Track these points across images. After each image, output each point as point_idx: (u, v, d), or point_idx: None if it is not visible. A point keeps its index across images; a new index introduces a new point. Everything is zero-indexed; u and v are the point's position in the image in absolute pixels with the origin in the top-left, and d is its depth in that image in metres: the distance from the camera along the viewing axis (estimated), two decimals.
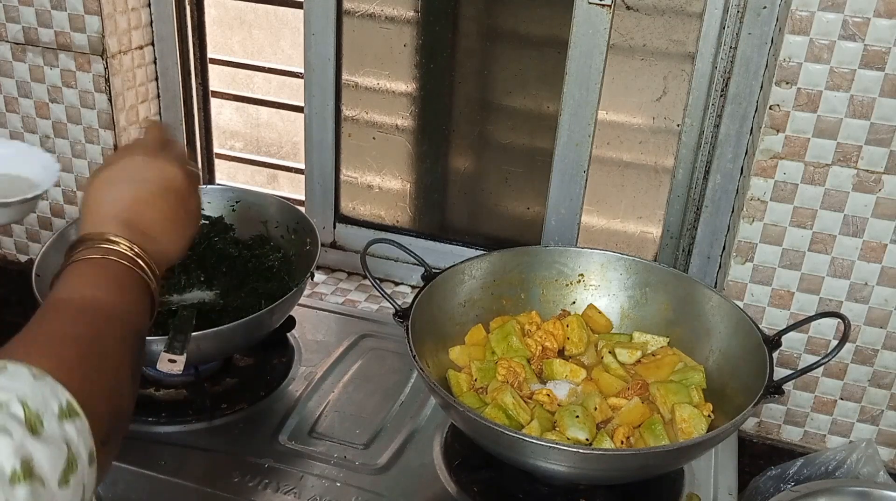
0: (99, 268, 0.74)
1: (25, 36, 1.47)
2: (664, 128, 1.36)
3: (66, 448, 0.56)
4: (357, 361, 1.32)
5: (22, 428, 0.53)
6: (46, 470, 0.53)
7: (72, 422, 0.57)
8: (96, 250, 0.74)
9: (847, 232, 1.17)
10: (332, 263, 1.62)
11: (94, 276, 0.73)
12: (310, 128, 1.53)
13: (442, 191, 1.55)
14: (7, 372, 0.56)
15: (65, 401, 0.58)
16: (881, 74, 1.08)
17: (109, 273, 0.74)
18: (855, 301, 1.21)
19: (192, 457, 1.12)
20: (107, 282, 0.73)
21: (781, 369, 1.22)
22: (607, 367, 1.15)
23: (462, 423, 1.01)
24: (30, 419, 0.54)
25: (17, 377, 0.56)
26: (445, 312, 1.19)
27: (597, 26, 1.28)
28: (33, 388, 0.56)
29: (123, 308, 0.72)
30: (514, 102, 1.43)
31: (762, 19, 1.19)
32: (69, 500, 0.55)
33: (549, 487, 1.07)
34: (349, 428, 1.17)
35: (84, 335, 0.66)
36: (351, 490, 1.07)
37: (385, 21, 1.44)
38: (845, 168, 1.14)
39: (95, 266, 0.74)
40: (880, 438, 1.28)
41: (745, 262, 1.24)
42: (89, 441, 0.58)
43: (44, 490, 0.53)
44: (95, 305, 0.70)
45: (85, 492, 0.58)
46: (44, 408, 0.55)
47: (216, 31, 1.77)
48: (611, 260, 1.25)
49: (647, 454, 0.98)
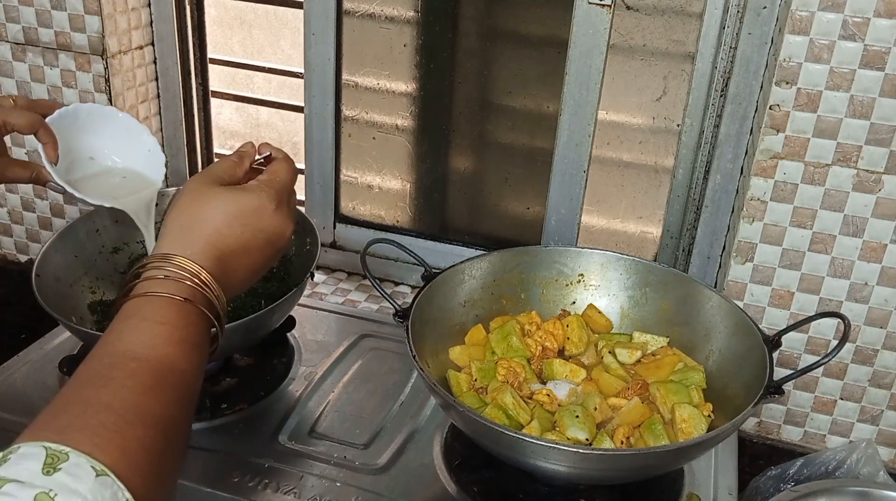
0: (181, 315, 0.66)
1: (25, 36, 1.47)
2: (664, 128, 1.36)
3: None
4: (357, 361, 1.32)
5: None
6: None
7: None
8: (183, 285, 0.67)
9: (847, 232, 1.17)
10: (332, 263, 1.62)
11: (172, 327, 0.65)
12: (310, 128, 1.53)
13: (442, 191, 1.55)
14: (68, 466, 0.53)
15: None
16: (881, 74, 1.08)
17: (189, 326, 0.67)
18: (855, 301, 1.21)
19: (192, 457, 1.11)
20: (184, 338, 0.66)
21: (781, 369, 1.22)
22: (607, 367, 1.15)
23: (462, 423, 1.01)
24: None
25: (78, 475, 0.53)
26: (445, 312, 1.19)
27: (597, 26, 1.28)
28: (93, 490, 0.53)
29: (193, 371, 0.66)
30: (514, 102, 1.43)
31: (762, 19, 1.19)
32: None
33: (549, 487, 1.07)
34: (349, 428, 1.17)
35: (155, 412, 0.61)
36: (351, 490, 1.07)
37: (385, 21, 1.44)
38: (845, 168, 1.14)
39: (177, 312, 0.66)
40: (880, 438, 1.28)
41: (745, 262, 1.24)
42: None
43: None
44: (169, 368, 0.63)
45: None
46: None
47: (216, 31, 1.77)
48: (611, 260, 1.25)
49: (647, 454, 0.98)
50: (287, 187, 0.83)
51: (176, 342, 0.65)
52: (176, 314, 0.66)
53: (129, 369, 0.62)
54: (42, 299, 1.12)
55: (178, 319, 0.66)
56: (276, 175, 0.83)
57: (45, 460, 0.52)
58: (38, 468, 0.52)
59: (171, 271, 0.68)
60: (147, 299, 0.67)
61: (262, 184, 0.81)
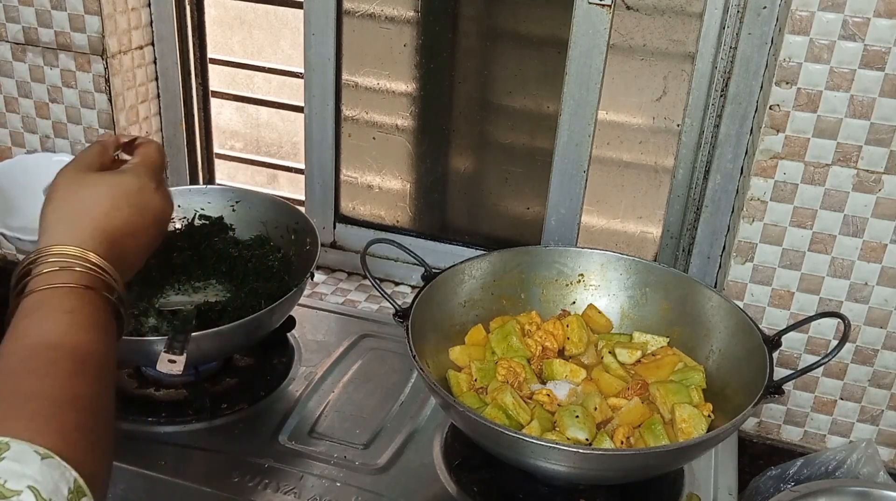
0: (84, 302, 0.68)
1: (25, 36, 1.47)
2: (664, 128, 1.36)
3: None
4: (357, 361, 1.32)
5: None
6: None
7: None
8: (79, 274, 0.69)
9: (847, 232, 1.17)
10: (332, 263, 1.62)
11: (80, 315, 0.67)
12: (310, 128, 1.53)
13: (442, 191, 1.55)
14: (12, 454, 0.54)
15: (73, 482, 0.56)
16: (881, 74, 1.08)
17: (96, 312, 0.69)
18: (855, 301, 1.21)
19: (192, 457, 1.12)
20: (94, 323, 0.68)
21: (781, 369, 1.22)
22: (607, 367, 1.15)
23: (462, 423, 1.01)
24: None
25: (25, 461, 0.54)
26: (445, 312, 1.19)
27: (597, 26, 1.28)
28: (43, 472, 0.54)
29: (108, 352, 0.68)
30: (514, 102, 1.43)
31: (762, 19, 1.19)
32: None
33: (549, 487, 1.07)
34: (349, 428, 1.17)
35: (83, 393, 0.63)
36: (351, 490, 1.07)
37: (385, 21, 1.44)
38: (845, 168, 1.14)
39: (80, 300, 0.68)
40: (880, 438, 1.28)
41: (745, 262, 1.24)
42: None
43: None
44: (86, 353, 0.65)
45: None
46: (55, 495, 0.54)
47: (216, 31, 1.77)
48: (611, 260, 1.25)
49: (647, 454, 0.98)
50: (161, 167, 0.85)
51: (86, 328, 0.66)
52: (79, 301, 0.68)
53: (49, 357, 0.63)
54: None
55: (82, 306, 0.68)
56: (148, 157, 0.84)
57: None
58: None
59: (65, 262, 0.69)
60: (48, 292, 0.68)
61: (138, 165, 0.83)
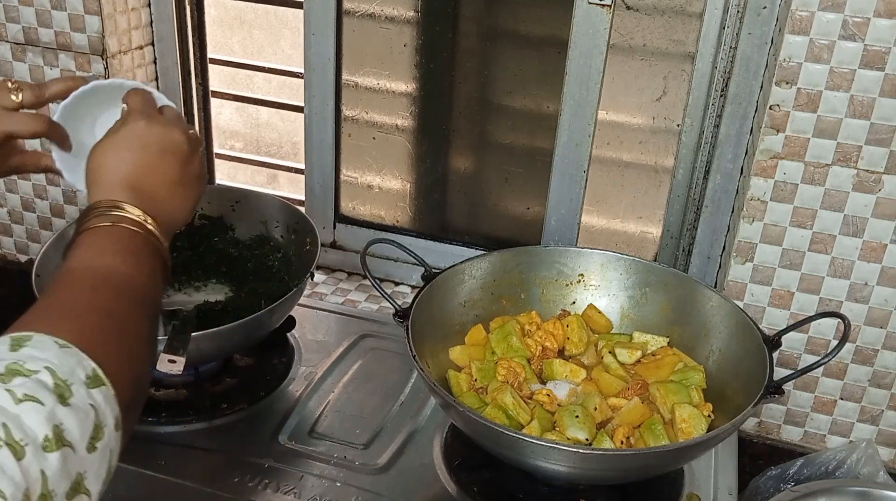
0: (111, 236, 0.74)
1: (25, 36, 1.47)
2: (664, 128, 1.36)
3: (93, 414, 0.57)
4: (357, 361, 1.32)
5: (52, 397, 0.55)
6: (76, 437, 0.55)
7: (98, 390, 0.59)
8: (106, 217, 0.75)
9: (847, 232, 1.17)
10: (332, 263, 1.62)
11: (106, 244, 0.74)
12: (310, 128, 1.53)
13: (442, 191, 1.55)
14: (33, 342, 0.58)
15: (90, 369, 0.59)
16: (881, 74, 1.08)
17: (121, 240, 0.75)
18: (855, 301, 1.21)
19: (192, 457, 1.12)
20: (120, 249, 0.73)
21: (781, 369, 1.22)
22: (607, 367, 1.15)
23: (462, 423, 1.01)
24: (59, 388, 0.55)
25: (43, 348, 0.58)
26: (445, 312, 1.19)
27: (597, 26, 1.28)
28: (60, 357, 0.57)
29: (137, 275, 0.72)
30: (514, 102, 1.43)
31: (762, 19, 1.19)
32: (97, 465, 0.57)
33: (549, 487, 1.07)
34: (349, 428, 1.17)
35: (103, 304, 0.67)
36: (351, 490, 1.07)
37: (385, 21, 1.44)
38: (845, 168, 1.14)
39: (107, 235, 0.74)
40: (880, 438, 1.28)
41: (745, 262, 1.24)
42: (115, 408, 0.60)
43: (74, 456, 0.55)
44: (110, 272, 0.71)
45: (111, 457, 0.60)
46: (71, 377, 0.57)
47: (216, 31, 1.77)
48: (611, 260, 1.25)
49: (647, 454, 0.98)
50: (148, 105, 0.88)
51: (111, 253, 0.72)
52: (105, 235, 0.74)
53: (72, 277, 0.70)
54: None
55: (107, 237, 0.74)
56: (134, 105, 0.87)
57: (10, 343, 0.58)
58: (5, 349, 0.57)
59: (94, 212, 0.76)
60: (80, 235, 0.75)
61: (124, 117, 0.86)
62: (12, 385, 0.53)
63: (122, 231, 0.75)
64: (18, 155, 0.98)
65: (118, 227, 0.75)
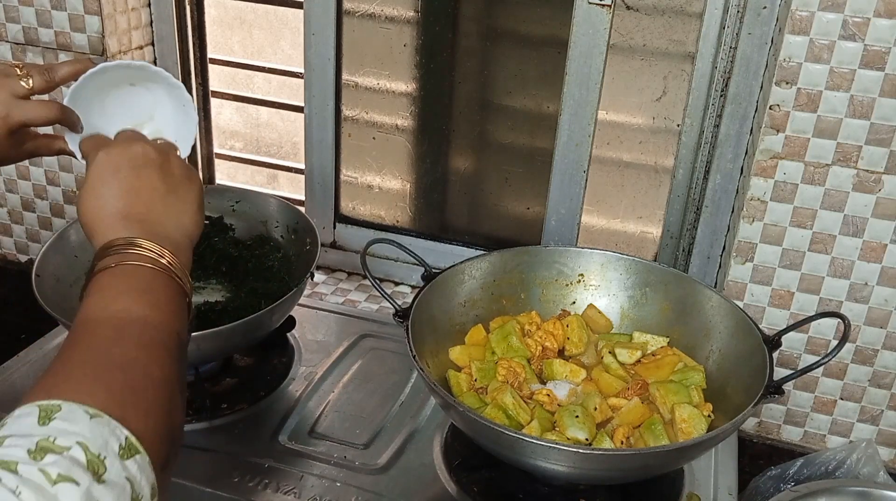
0: (121, 276, 0.71)
1: (25, 36, 1.47)
2: (664, 128, 1.36)
3: (129, 487, 0.55)
4: (357, 361, 1.32)
5: (87, 475, 0.52)
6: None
7: (132, 460, 0.56)
8: (112, 257, 0.72)
9: (847, 232, 1.17)
10: (332, 263, 1.62)
11: (119, 286, 0.70)
12: (310, 128, 1.53)
13: (442, 191, 1.55)
14: (63, 413, 0.55)
15: (124, 439, 0.57)
16: (881, 74, 1.08)
17: (134, 278, 0.71)
18: (855, 301, 1.21)
19: (192, 457, 1.12)
20: (134, 289, 0.70)
21: (781, 369, 1.22)
22: (607, 367, 1.15)
23: (462, 423, 1.01)
24: (92, 464, 0.53)
25: (74, 419, 0.55)
26: (445, 312, 1.19)
27: (597, 26, 1.28)
28: (92, 429, 0.55)
29: (153, 313, 0.69)
30: (514, 102, 1.43)
31: (762, 19, 1.19)
32: None
33: (549, 487, 1.07)
34: (349, 428, 1.17)
35: (127, 358, 0.64)
36: (351, 490, 1.07)
37: (385, 21, 1.44)
38: (845, 168, 1.14)
39: (117, 275, 0.71)
40: (880, 438, 1.28)
41: (745, 262, 1.24)
42: (150, 475, 0.58)
43: None
44: (130, 318, 0.67)
45: None
46: (105, 450, 0.54)
47: (216, 31, 1.77)
48: (611, 260, 1.25)
49: (647, 454, 0.98)
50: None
51: (124, 293, 0.69)
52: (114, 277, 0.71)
53: (88, 329, 0.66)
54: (42, 299, 1.12)
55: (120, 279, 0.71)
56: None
57: (40, 414, 0.55)
58: (34, 422, 0.54)
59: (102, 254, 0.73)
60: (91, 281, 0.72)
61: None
62: (45, 464, 0.51)
63: (134, 269, 0.71)
64: (32, 139, 0.97)
65: (125, 265, 0.71)
